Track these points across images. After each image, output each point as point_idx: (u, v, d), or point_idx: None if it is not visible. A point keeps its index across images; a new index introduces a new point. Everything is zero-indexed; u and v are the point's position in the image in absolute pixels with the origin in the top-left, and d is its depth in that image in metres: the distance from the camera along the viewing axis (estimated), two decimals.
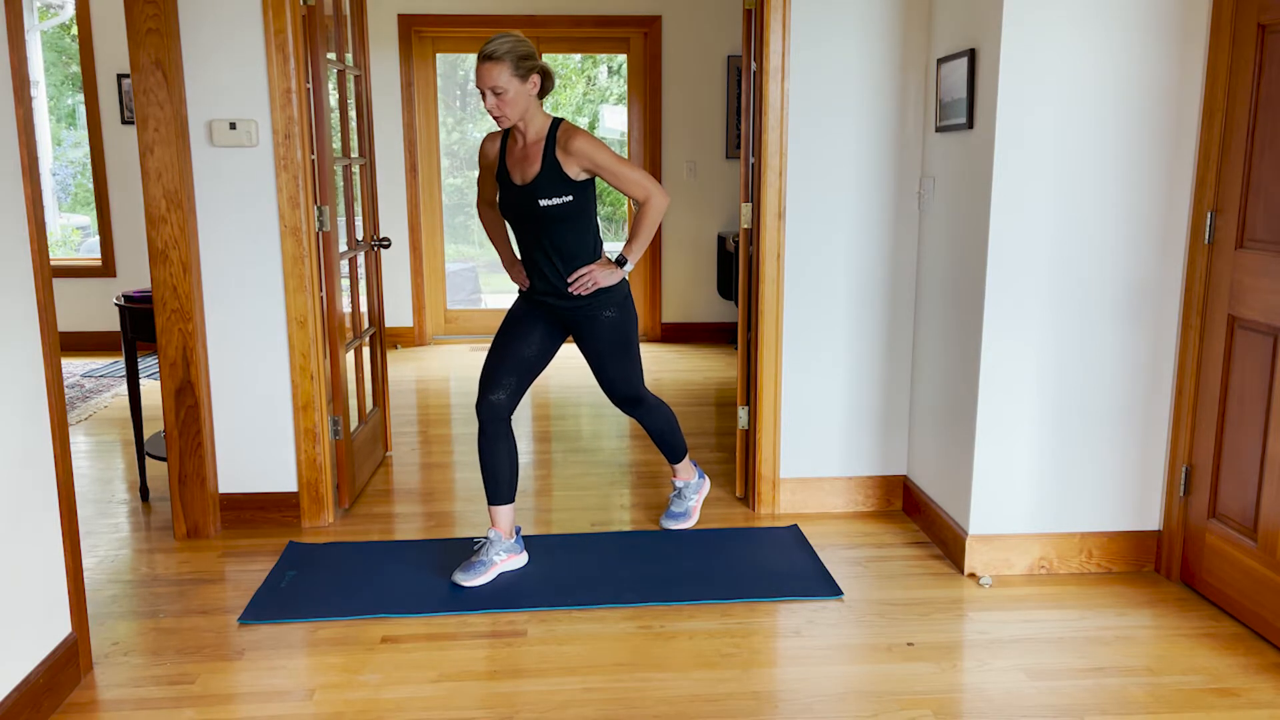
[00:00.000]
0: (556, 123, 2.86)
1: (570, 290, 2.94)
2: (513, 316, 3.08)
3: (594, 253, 2.96)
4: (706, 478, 3.62)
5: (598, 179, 2.90)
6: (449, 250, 7.60)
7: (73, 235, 8.87)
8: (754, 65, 3.42)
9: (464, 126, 8.12)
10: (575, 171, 2.83)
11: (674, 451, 3.42)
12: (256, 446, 3.44)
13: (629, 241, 2.98)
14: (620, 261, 2.97)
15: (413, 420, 5.02)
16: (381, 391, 4.29)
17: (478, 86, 2.76)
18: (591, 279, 2.92)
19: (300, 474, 3.45)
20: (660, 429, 3.35)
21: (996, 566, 3.07)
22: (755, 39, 3.40)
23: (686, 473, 3.50)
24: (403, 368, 6.31)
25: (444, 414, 5.15)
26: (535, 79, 2.78)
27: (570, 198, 2.85)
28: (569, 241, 2.91)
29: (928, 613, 2.83)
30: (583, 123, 8.51)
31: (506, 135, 2.94)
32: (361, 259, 4.21)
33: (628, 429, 4.80)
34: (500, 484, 3.04)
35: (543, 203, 2.83)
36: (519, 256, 3.08)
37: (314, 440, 3.43)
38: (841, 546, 3.31)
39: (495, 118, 2.78)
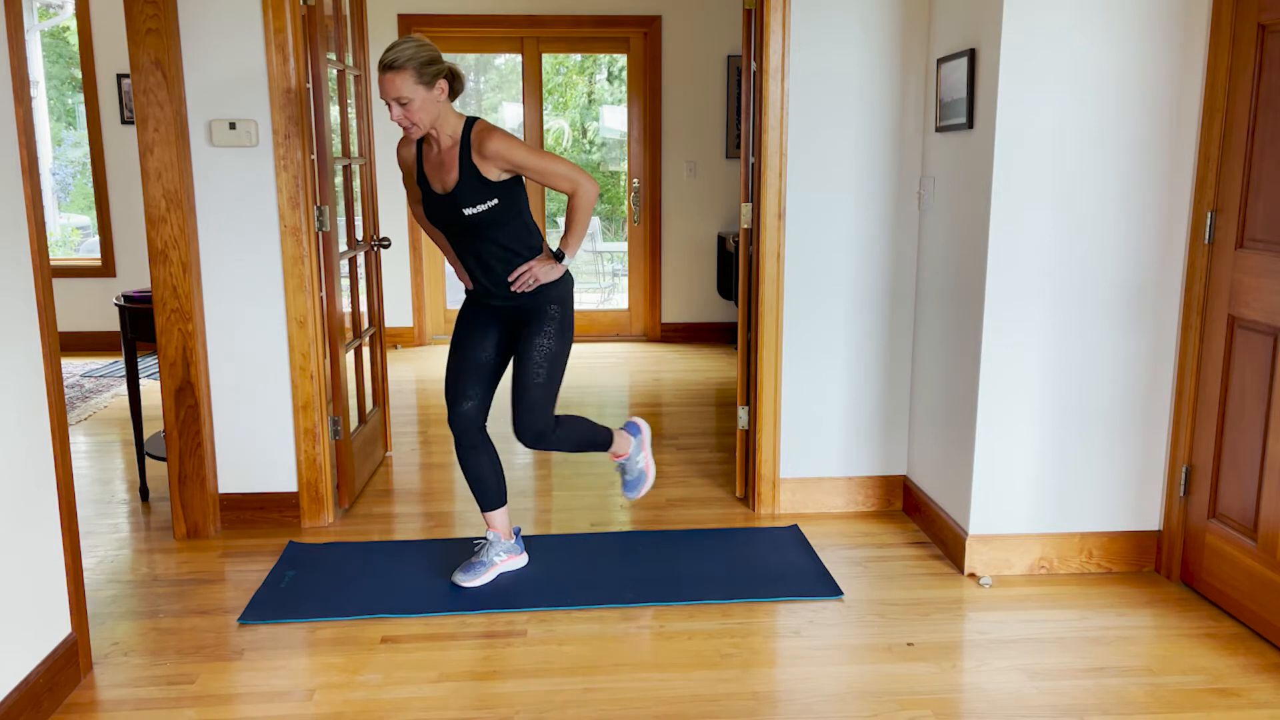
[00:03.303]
0: (470, 124, 2.73)
1: (512, 289, 2.82)
2: (462, 323, 2.97)
3: (532, 249, 2.83)
4: (639, 424, 3.29)
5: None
6: None
7: (73, 235, 8.87)
8: (754, 65, 3.42)
9: None
10: (495, 174, 2.70)
11: (605, 445, 3.12)
12: (256, 446, 3.44)
13: (564, 235, 2.82)
14: (558, 256, 2.84)
15: (413, 420, 5.02)
16: (381, 391, 4.29)
17: (381, 98, 2.64)
18: (532, 276, 2.79)
19: (300, 474, 3.45)
20: (580, 440, 3.01)
21: (996, 566, 3.07)
22: (755, 39, 3.40)
23: (623, 445, 3.19)
24: (403, 368, 6.31)
25: (444, 414, 5.14)
26: (442, 84, 2.65)
27: (495, 201, 2.72)
28: (503, 242, 2.78)
29: (928, 613, 2.83)
30: (595, 124, 8.50)
31: (421, 140, 2.82)
32: (361, 259, 4.21)
33: None
34: (488, 491, 3.01)
35: (467, 212, 2.71)
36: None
37: (314, 440, 3.43)
38: (841, 546, 3.31)
39: (405, 129, 2.67)
